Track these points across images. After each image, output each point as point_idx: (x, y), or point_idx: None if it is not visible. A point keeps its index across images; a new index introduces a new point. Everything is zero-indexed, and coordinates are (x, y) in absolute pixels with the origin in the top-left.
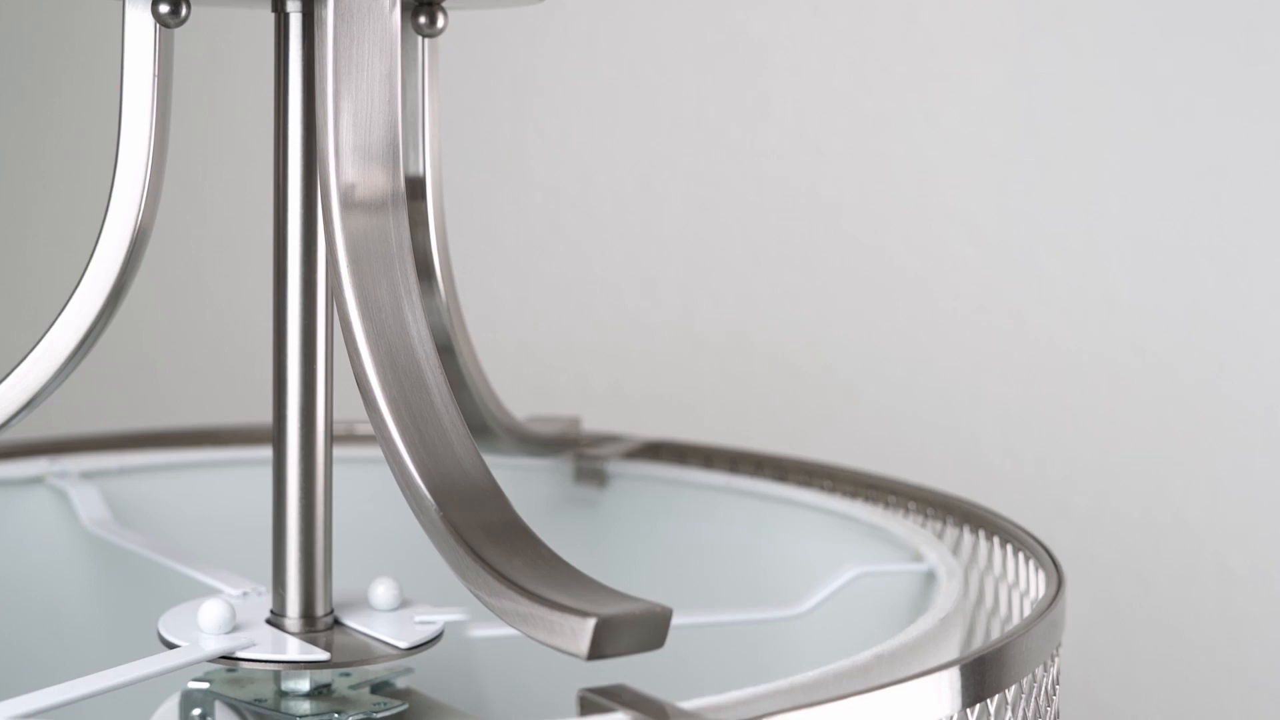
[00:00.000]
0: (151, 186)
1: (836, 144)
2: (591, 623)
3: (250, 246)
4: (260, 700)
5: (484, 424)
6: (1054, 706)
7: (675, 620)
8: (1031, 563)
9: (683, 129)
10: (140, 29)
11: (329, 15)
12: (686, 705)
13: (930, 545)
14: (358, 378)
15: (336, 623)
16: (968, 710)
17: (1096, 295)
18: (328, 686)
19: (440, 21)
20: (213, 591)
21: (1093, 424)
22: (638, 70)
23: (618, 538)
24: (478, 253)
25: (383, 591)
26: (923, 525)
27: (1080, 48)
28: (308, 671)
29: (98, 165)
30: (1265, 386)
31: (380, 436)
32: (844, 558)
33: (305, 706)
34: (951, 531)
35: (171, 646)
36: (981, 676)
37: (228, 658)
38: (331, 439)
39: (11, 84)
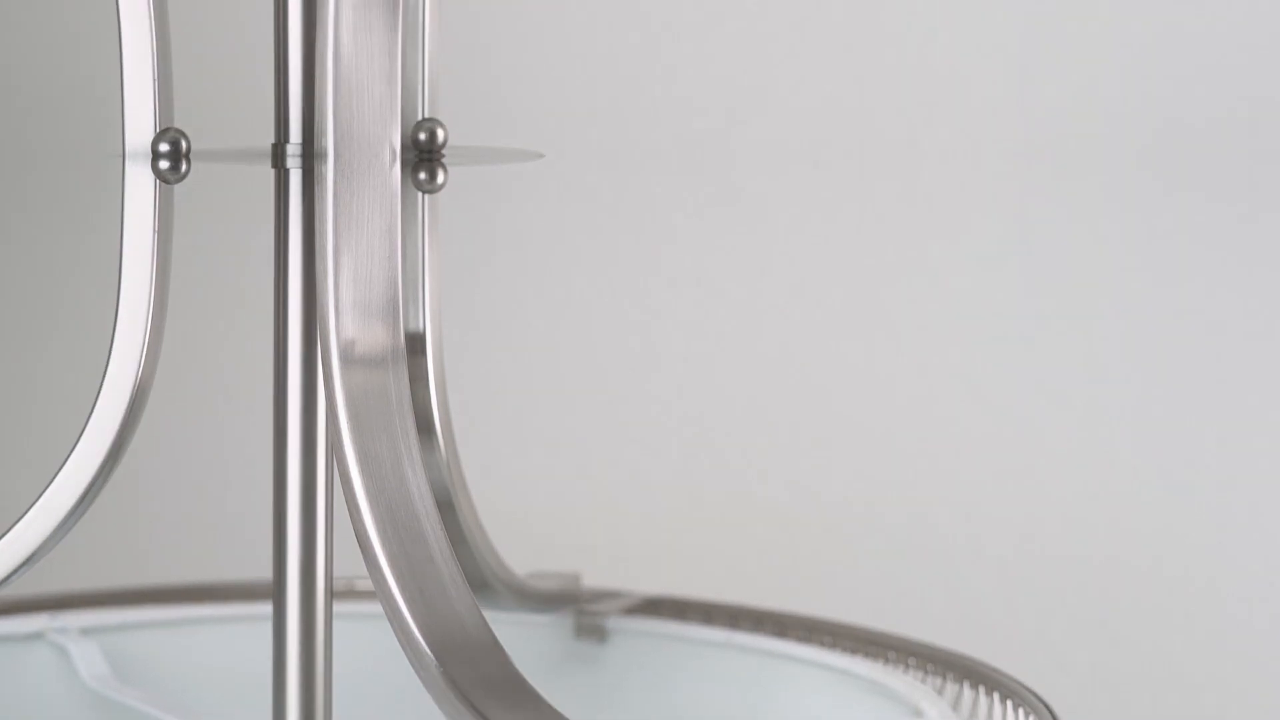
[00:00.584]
0: (151, 344)
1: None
2: None
3: (250, 402)
4: None
5: (484, 580)
6: None
7: None
8: (1032, 718)
9: (683, 286)
10: (140, 185)
11: (329, 172)
12: None
13: (930, 701)
14: (358, 533)
15: None
16: None
17: (1099, 452)
18: None
19: (440, 177)
20: None
21: (1091, 578)
22: (637, 226)
23: (619, 694)
24: (478, 408)
25: None
26: (923, 681)
27: (1081, 207)
28: None
29: (100, 315)
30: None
31: (380, 592)
32: (845, 714)
33: None
34: (951, 687)
35: None
36: None
37: None
38: (331, 594)
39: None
